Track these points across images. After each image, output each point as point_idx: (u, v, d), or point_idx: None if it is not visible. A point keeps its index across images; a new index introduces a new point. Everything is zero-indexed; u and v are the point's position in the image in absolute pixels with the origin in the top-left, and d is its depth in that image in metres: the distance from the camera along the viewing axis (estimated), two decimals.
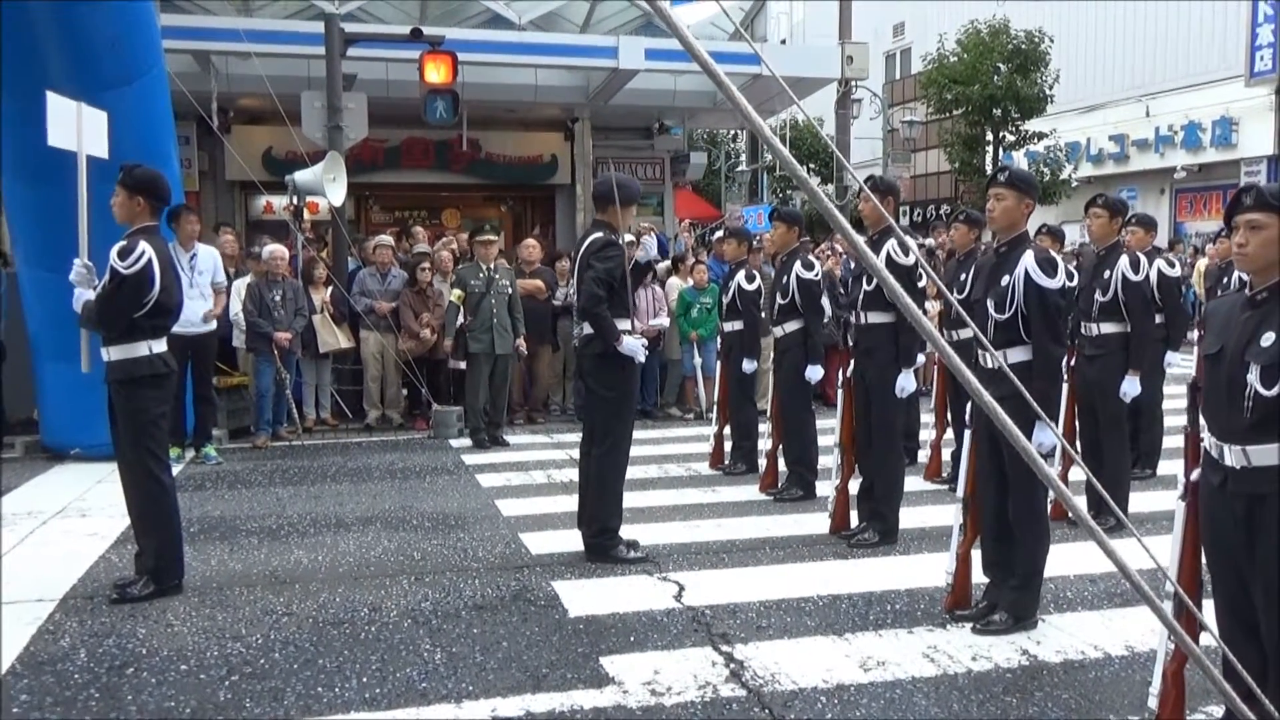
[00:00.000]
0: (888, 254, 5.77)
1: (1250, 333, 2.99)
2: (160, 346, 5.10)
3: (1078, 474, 6.68)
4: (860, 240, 2.32)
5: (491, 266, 9.54)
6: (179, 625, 4.68)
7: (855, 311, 6.15)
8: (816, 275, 7.13)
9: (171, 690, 3.96)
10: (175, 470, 8.00)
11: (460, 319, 9.50)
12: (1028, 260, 4.44)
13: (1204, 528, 3.21)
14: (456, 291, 9.46)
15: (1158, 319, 6.98)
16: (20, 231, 8.35)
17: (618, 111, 17.16)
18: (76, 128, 5.57)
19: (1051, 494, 4.55)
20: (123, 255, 4.89)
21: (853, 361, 6.17)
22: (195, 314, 8.16)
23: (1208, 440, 3.13)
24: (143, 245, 4.93)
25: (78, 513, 6.83)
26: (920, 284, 6.28)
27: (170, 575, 5.12)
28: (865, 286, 6.03)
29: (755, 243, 9.31)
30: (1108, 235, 6.38)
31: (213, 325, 8.49)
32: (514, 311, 9.51)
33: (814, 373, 7.06)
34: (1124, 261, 6.21)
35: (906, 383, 5.96)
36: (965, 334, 6.39)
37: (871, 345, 6.03)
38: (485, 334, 9.33)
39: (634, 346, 5.61)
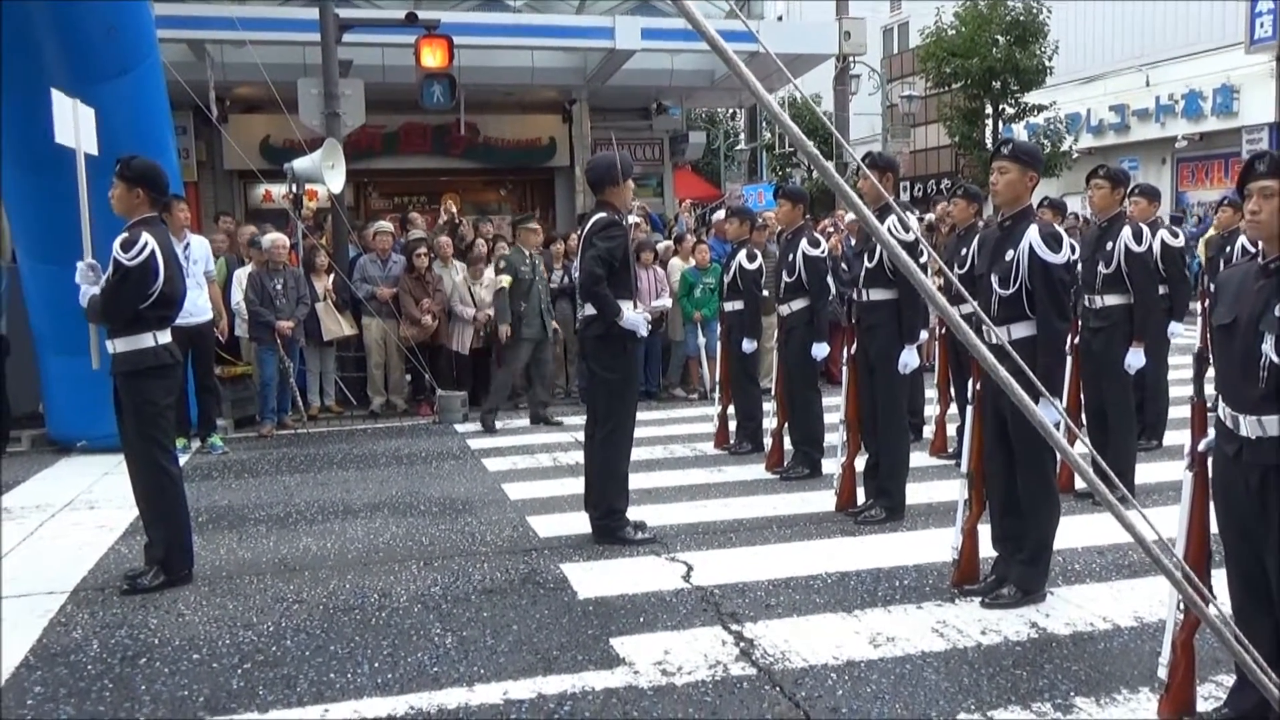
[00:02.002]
0: (888, 231, 5.74)
1: (1264, 302, 2.96)
2: (165, 337, 5.09)
3: (1082, 448, 6.67)
4: (869, 213, 2.29)
5: (535, 252, 9.63)
6: (190, 614, 4.69)
7: (858, 289, 6.13)
8: (822, 252, 7.10)
9: (184, 679, 3.97)
10: (181, 461, 8.02)
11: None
12: (1032, 235, 4.39)
13: (1217, 499, 3.20)
14: (505, 277, 9.44)
15: (1161, 290, 6.95)
16: (21, 224, 8.33)
17: (615, 92, 17.09)
18: (74, 125, 5.55)
19: (1060, 462, 4.55)
20: (125, 247, 4.87)
21: (855, 338, 6.15)
22: (194, 304, 8.16)
23: (1221, 411, 3.11)
24: (145, 236, 4.90)
25: (86, 505, 6.84)
26: (921, 260, 6.24)
27: (180, 565, 5.13)
28: (867, 263, 6.02)
29: (759, 221, 9.24)
30: (1110, 206, 6.34)
31: (210, 314, 8.47)
32: (546, 295, 9.66)
33: (819, 350, 7.05)
34: (1127, 233, 6.17)
35: (909, 359, 5.95)
36: (965, 309, 6.37)
37: (874, 322, 6.02)
38: (536, 319, 9.41)
39: (636, 320, 5.61)
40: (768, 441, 7.54)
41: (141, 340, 5.00)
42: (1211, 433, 3.24)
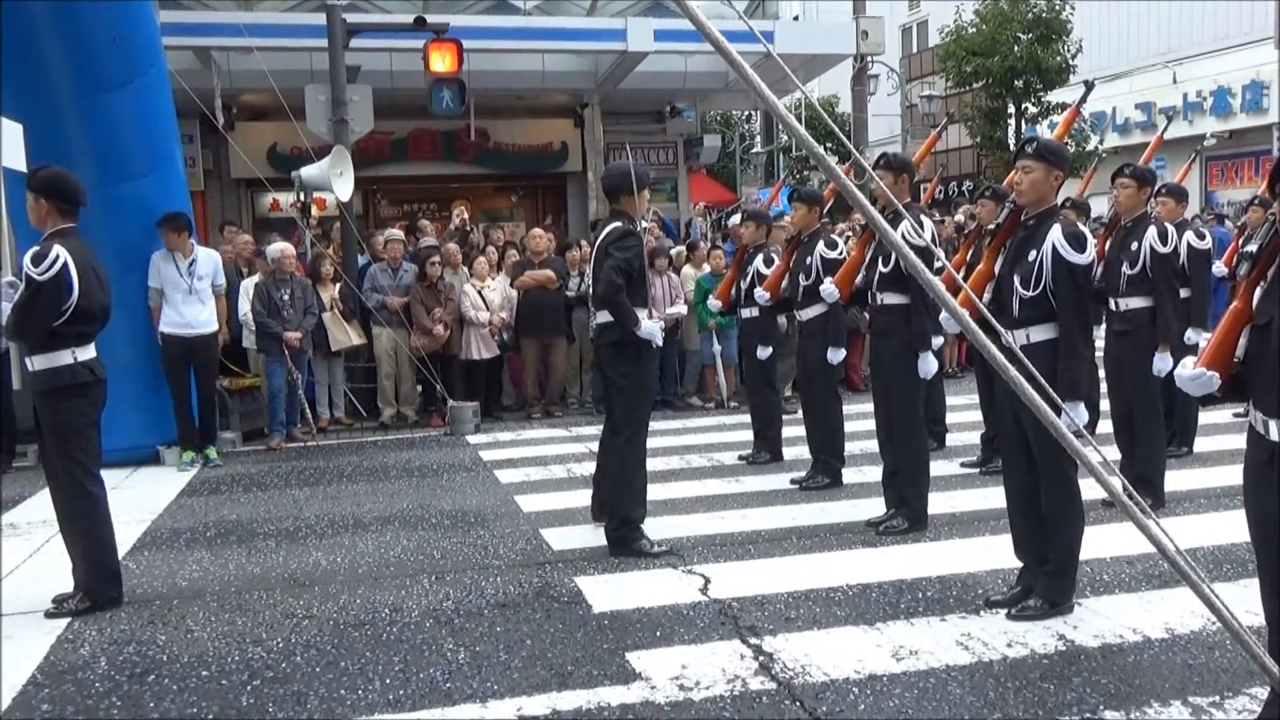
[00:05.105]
0: (903, 234, 5.63)
1: None
2: (86, 354, 4.91)
3: (1114, 453, 6.52)
4: (880, 218, 2.22)
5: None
6: (199, 631, 4.64)
7: (871, 293, 6.03)
8: (841, 255, 6.96)
9: (193, 696, 3.93)
10: (189, 474, 8.00)
11: None
12: (1055, 235, 4.29)
13: (1249, 506, 3.12)
14: None
15: (1184, 294, 6.78)
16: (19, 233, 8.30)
17: (628, 95, 17.00)
18: None
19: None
20: (36, 261, 4.69)
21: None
22: (196, 317, 8.14)
23: (1252, 415, 3.04)
24: (57, 250, 4.72)
25: None
26: (937, 264, 6.12)
27: (106, 588, 4.97)
28: (881, 268, 5.91)
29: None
30: (1135, 206, 6.21)
31: (214, 326, 8.42)
32: None
33: (835, 355, 6.93)
34: (1152, 233, 6.06)
35: (926, 366, 5.82)
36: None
37: (886, 327, 5.92)
38: None
39: (652, 330, 5.54)
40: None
41: (59, 358, 4.82)
42: None
